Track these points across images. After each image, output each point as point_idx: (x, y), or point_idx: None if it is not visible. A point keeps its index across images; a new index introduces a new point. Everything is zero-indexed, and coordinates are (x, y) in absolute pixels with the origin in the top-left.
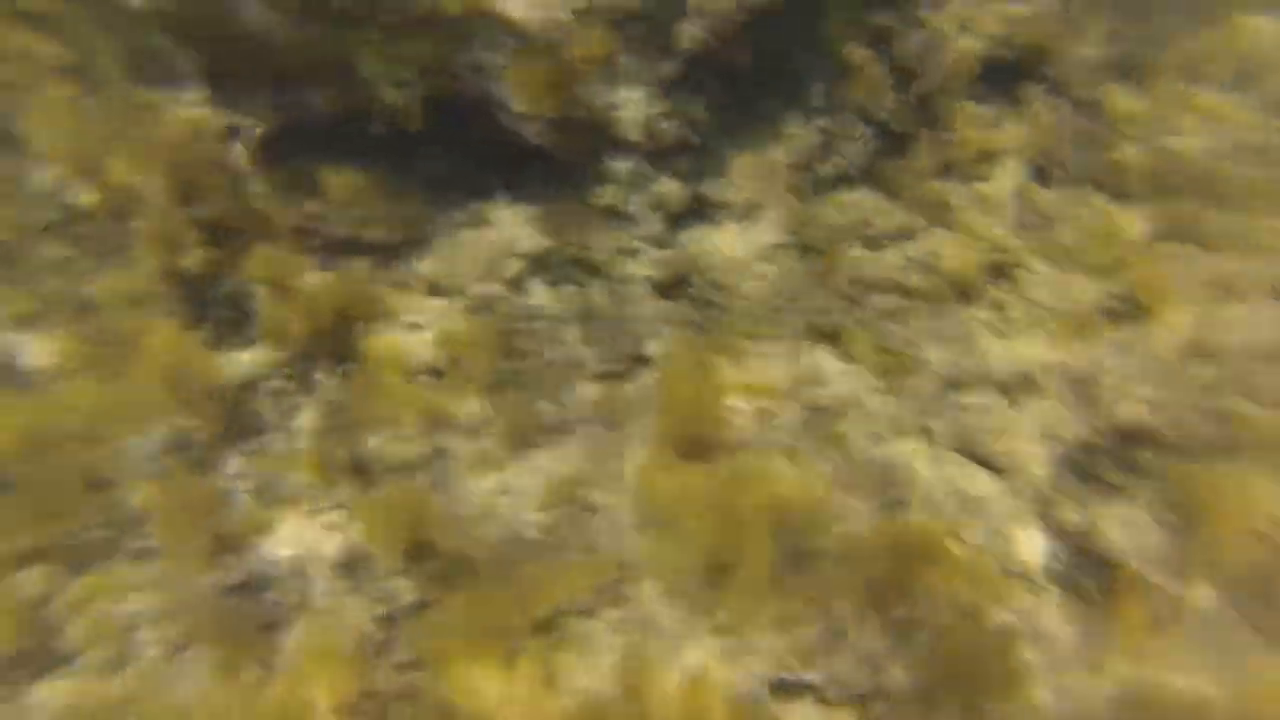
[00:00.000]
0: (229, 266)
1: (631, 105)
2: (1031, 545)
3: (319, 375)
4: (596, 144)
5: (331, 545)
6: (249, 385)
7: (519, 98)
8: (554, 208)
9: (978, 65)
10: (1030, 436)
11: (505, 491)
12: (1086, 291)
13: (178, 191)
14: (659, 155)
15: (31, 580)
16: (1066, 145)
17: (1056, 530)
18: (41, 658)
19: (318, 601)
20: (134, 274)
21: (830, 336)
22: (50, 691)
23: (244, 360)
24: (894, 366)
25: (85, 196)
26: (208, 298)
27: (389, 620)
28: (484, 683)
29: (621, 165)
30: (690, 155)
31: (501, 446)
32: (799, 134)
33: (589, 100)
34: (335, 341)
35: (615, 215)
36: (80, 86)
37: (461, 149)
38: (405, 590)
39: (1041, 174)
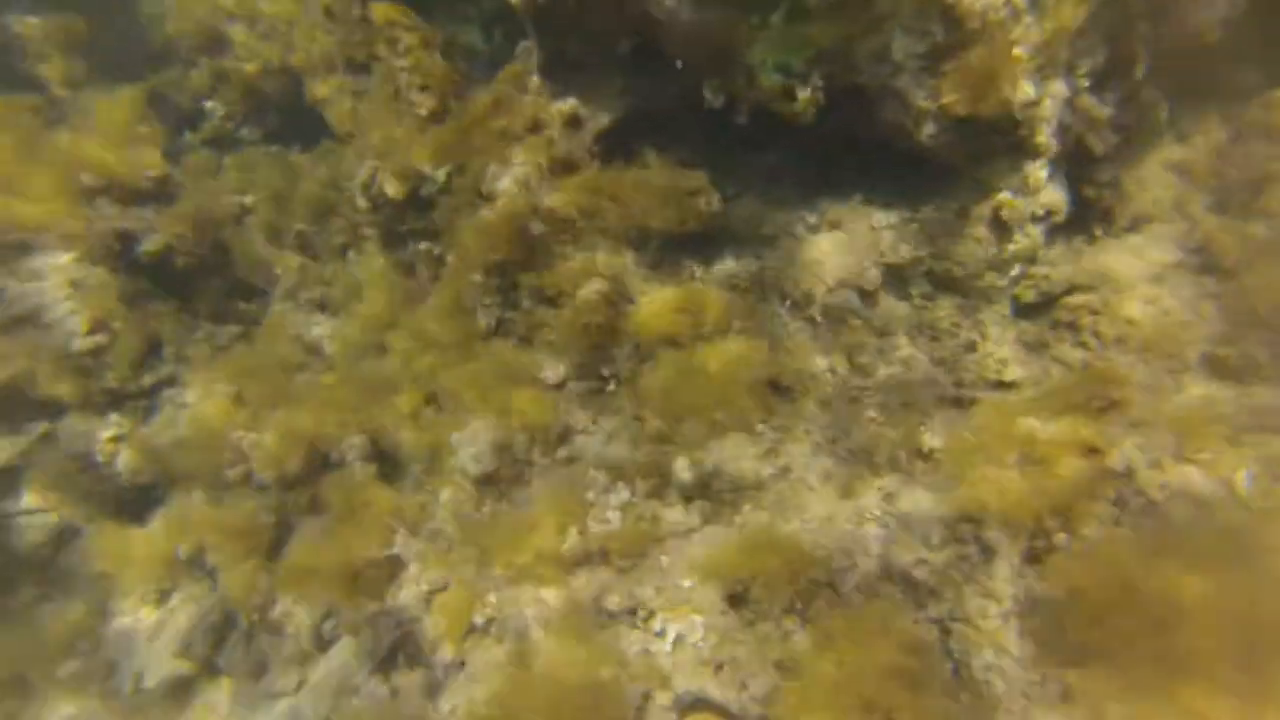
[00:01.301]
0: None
1: (1049, 105)
2: None
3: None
4: (997, 147)
5: None
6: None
7: (932, 91)
8: (923, 215)
9: None
10: None
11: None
12: None
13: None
14: (1063, 161)
15: None
16: None
17: None
18: None
19: None
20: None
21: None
22: None
23: None
24: None
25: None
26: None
27: None
28: None
29: (1019, 171)
30: (1092, 163)
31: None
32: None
33: (1011, 97)
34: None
35: (994, 225)
36: None
37: (807, 143)
38: None
39: None
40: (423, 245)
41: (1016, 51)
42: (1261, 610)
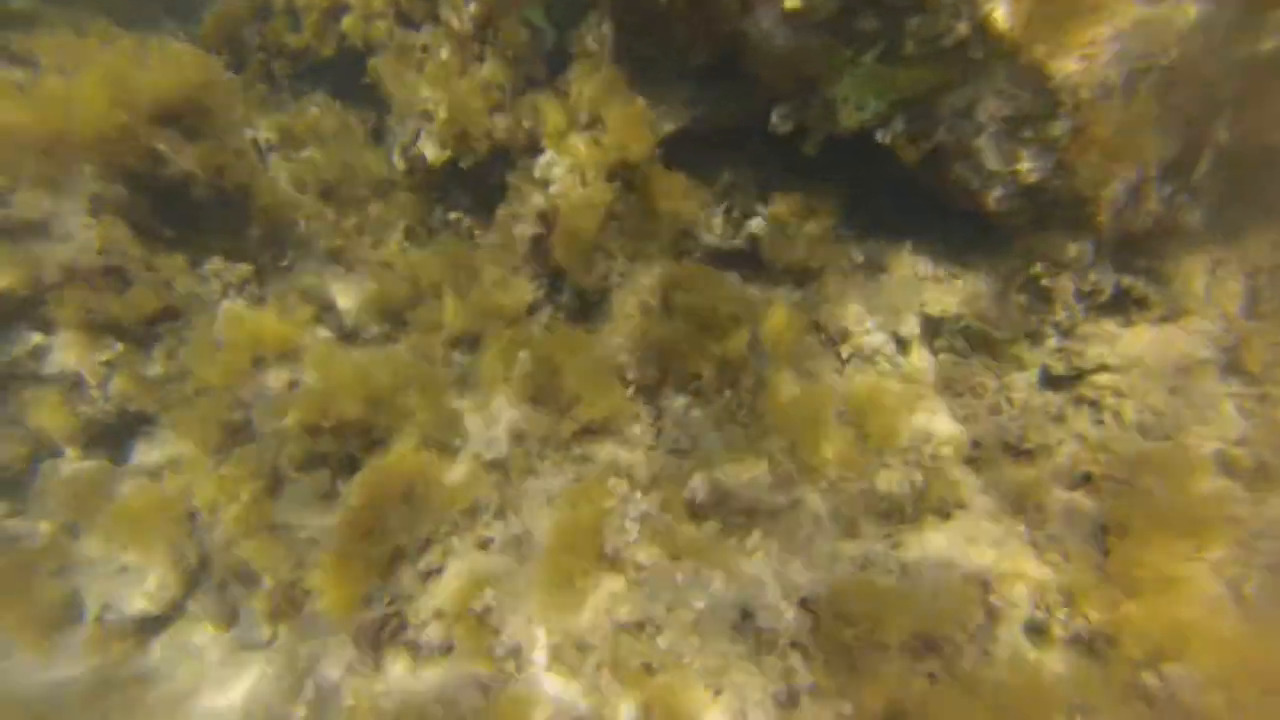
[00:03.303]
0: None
1: (1117, 187)
2: None
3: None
4: (1058, 220)
5: None
6: None
7: (1009, 156)
8: (969, 274)
9: None
10: None
11: None
12: None
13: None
14: (1116, 244)
15: None
16: None
17: None
18: None
19: None
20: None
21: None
22: None
23: None
24: None
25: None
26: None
27: None
28: None
29: (1070, 246)
30: (1137, 249)
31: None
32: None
33: (1089, 175)
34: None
35: (1037, 294)
36: None
37: (864, 184)
38: None
39: None
40: (452, 215)
41: (1100, 131)
42: None
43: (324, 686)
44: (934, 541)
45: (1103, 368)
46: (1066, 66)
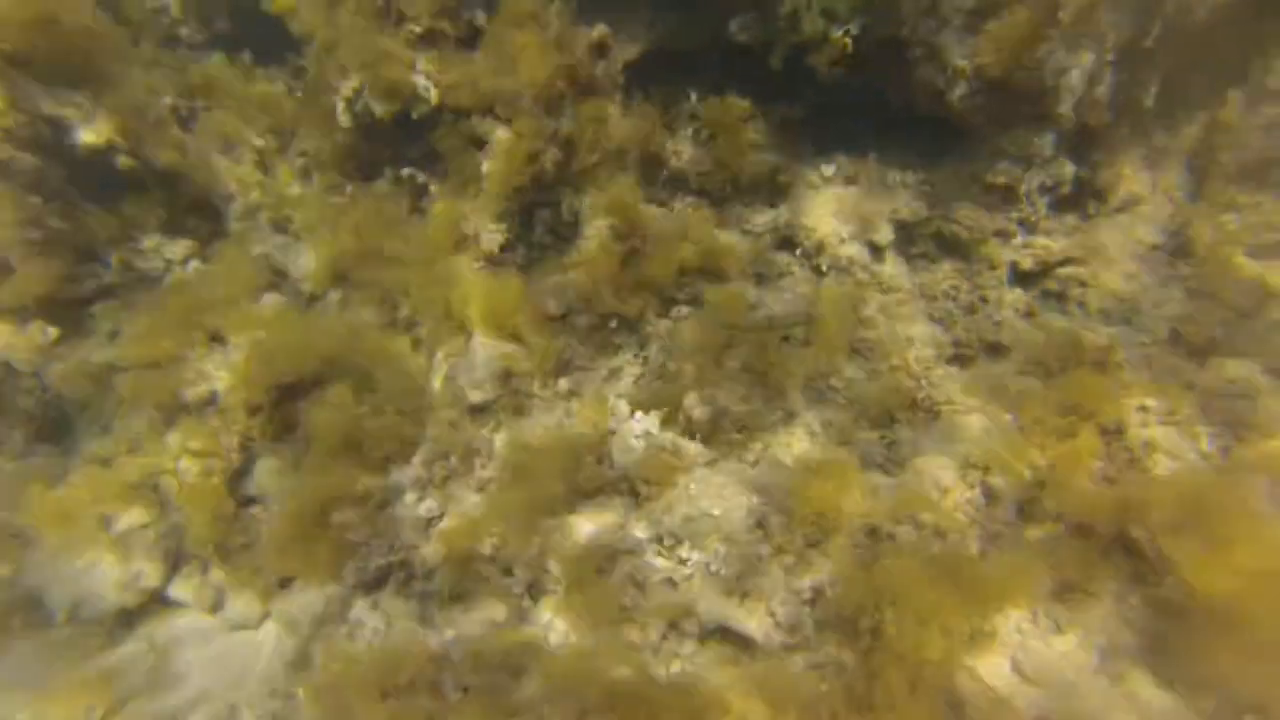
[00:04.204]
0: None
1: (1076, 75)
2: None
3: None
4: (1021, 115)
5: None
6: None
7: (971, 50)
8: (938, 176)
9: None
10: None
11: None
12: None
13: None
14: (1075, 138)
15: None
16: None
17: None
18: None
19: None
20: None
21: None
22: None
23: None
24: None
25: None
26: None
27: None
28: None
29: (1035, 141)
30: (1093, 141)
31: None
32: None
33: (1043, 63)
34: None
35: (1002, 193)
36: None
37: (830, 97)
38: None
39: None
40: (405, 171)
41: (1060, 15)
42: None
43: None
44: (926, 438)
45: (1067, 260)
46: None
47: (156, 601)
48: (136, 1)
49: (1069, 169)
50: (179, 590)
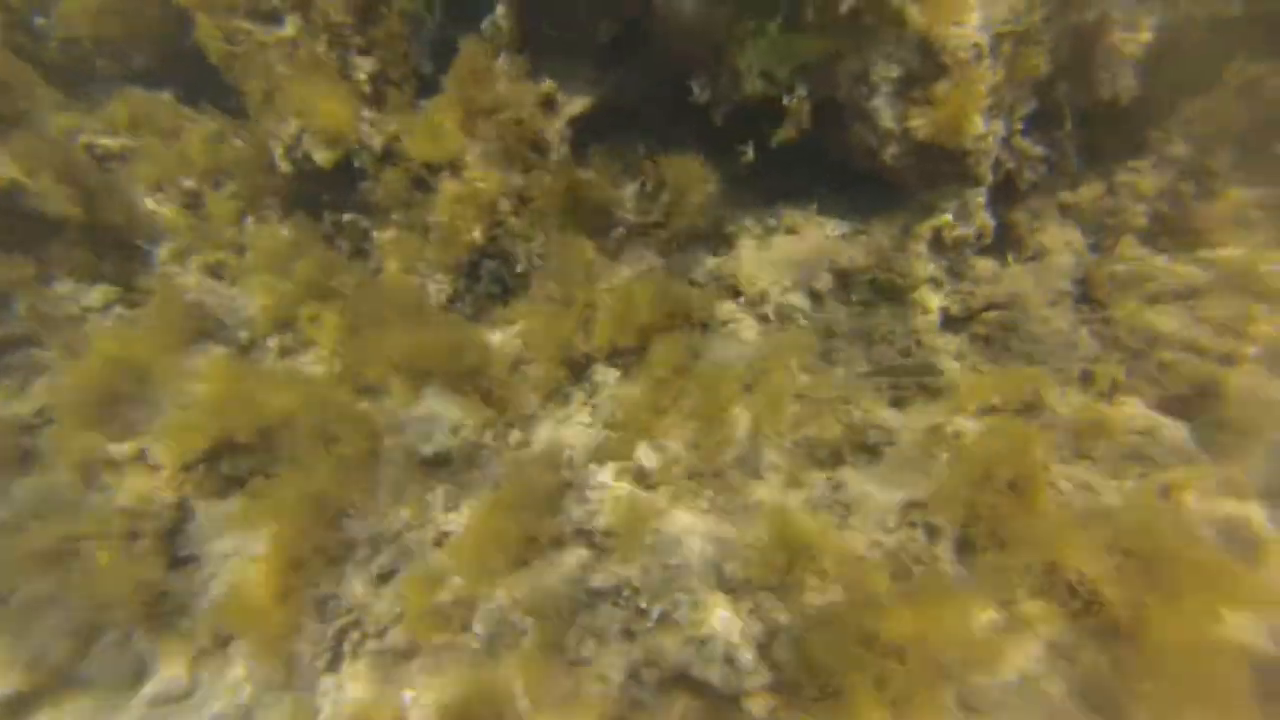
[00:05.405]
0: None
1: (992, 140)
2: None
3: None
4: (946, 173)
5: None
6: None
7: (900, 115)
8: (872, 229)
9: None
10: None
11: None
12: None
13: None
14: (997, 193)
15: None
16: None
17: None
18: None
19: None
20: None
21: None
22: None
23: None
24: None
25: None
26: (481, 270)
27: None
28: None
29: (961, 197)
30: (1013, 197)
31: (808, 464)
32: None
33: (968, 130)
34: (613, 335)
35: (932, 243)
36: None
37: (772, 152)
38: None
39: None
40: (347, 217)
41: (979, 89)
42: None
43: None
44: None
45: (991, 305)
46: (946, 31)
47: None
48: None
49: (990, 222)
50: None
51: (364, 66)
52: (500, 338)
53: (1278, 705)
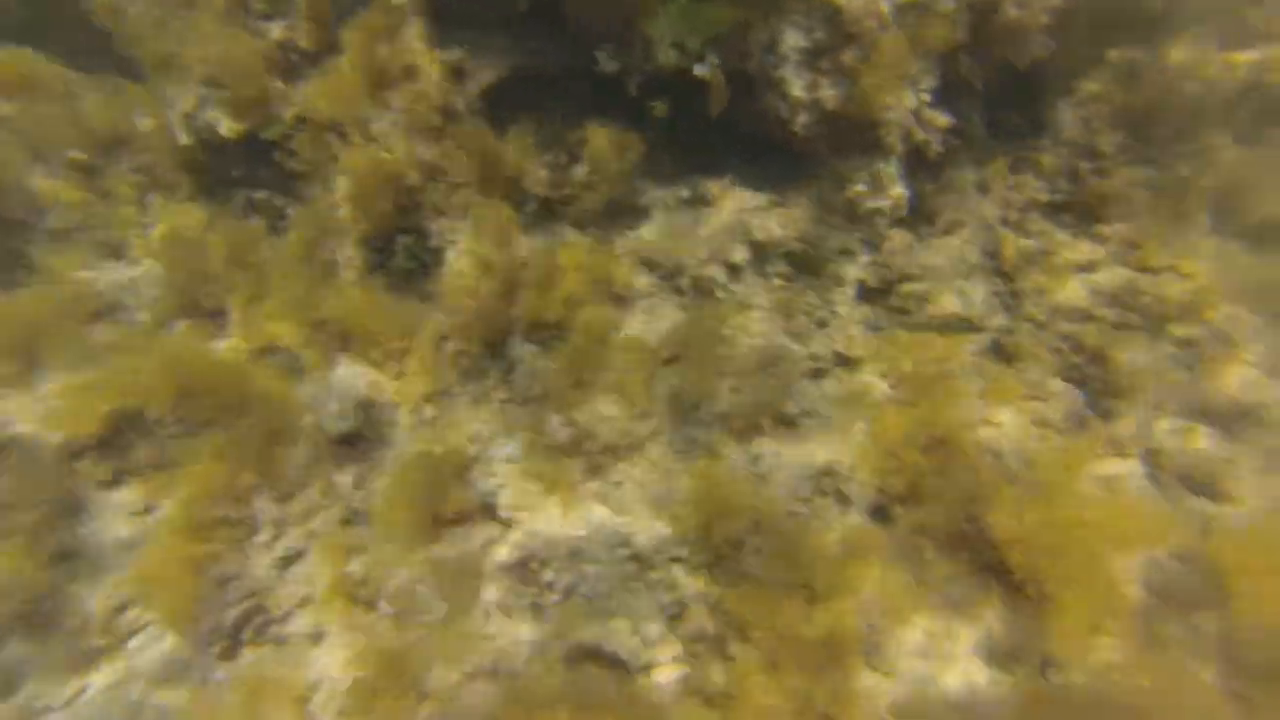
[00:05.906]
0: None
1: (900, 111)
2: None
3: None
4: (856, 144)
5: None
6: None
7: (809, 85)
8: (788, 199)
9: None
10: None
11: None
12: None
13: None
14: (905, 163)
15: None
16: None
17: None
18: None
19: None
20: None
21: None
22: None
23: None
24: None
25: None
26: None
27: None
28: None
29: (872, 167)
30: (924, 169)
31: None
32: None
33: (875, 99)
34: (533, 308)
35: (846, 214)
36: None
37: (686, 123)
38: None
39: None
40: (260, 194)
41: (886, 58)
42: None
43: None
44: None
45: (906, 277)
46: (851, 1)
47: None
48: None
49: (904, 193)
50: None
51: (273, 30)
52: (415, 310)
53: None
